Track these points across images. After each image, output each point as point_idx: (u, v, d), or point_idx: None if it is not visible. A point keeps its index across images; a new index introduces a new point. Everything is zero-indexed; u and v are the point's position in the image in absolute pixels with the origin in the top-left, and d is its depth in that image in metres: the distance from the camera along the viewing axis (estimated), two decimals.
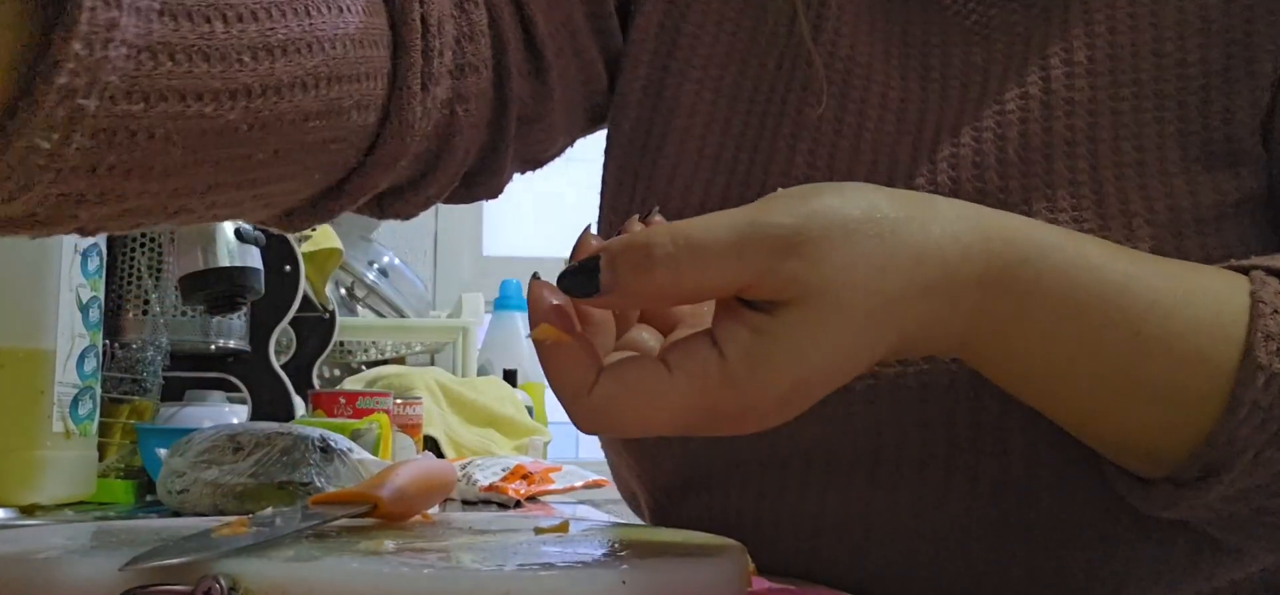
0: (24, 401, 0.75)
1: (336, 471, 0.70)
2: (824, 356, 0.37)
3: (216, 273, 0.77)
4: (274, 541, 0.41)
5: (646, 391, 0.37)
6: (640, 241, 0.36)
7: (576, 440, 2.03)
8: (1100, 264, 0.41)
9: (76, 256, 0.78)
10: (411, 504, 0.53)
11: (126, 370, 0.96)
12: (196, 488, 0.68)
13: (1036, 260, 0.40)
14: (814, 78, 0.58)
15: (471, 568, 0.37)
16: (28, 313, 0.75)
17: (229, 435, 0.70)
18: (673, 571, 0.37)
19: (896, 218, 0.38)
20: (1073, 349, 0.41)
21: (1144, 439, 0.43)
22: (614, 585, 0.35)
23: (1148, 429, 0.43)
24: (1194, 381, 0.41)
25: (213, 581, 0.36)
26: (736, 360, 0.36)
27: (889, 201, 0.39)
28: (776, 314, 0.37)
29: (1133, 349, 0.41)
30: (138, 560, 0.36)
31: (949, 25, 0.57)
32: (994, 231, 0.40)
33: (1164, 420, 0.42)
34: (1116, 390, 0.42)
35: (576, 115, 0.64)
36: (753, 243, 0.36)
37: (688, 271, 0.36)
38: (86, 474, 0.80)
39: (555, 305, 0.38)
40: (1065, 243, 0.41)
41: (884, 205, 0.38)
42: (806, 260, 0.36)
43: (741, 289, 0.37)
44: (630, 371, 0.37)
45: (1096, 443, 0.46)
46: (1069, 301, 0.40)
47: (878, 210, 0.38)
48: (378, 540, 0.44)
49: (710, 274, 0.36)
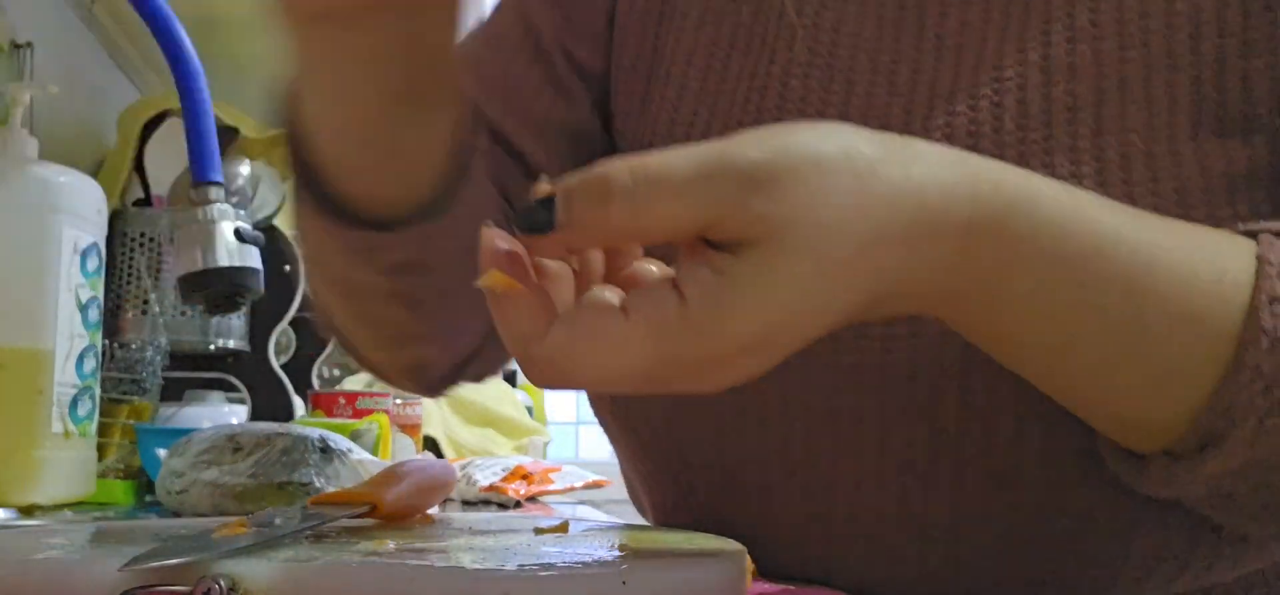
0: (23, 401, 0.74)
1: (336, 472, 0.70)
2: (792, 299, 0.34)
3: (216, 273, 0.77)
4: (273, 542, 0.41)
5: (602, 338, 0.34)
6: (597, 175, 0.34)
7: (576, 440, 2.02)
8: (1096, 216, 0.38)
9: (76, 256, 0.78)
10: (411, 504, 0.53)
11: (126, 370, 0.96)
12: (196, 488, 0.68)
13: (1027, 208, 0.37)
14: (786, 25, 0.55)
15: (471, 568, 0.37)
16: (27, 313, 0.75)
17: (228, 435, 0.70)
18: (673, 572, 0.37)
19: (874, 157, 0.36)
20: (1065, 305, 0.38)
21: (1140, 407, 0.41)
22: (614, 585, 0.35)
23: (1144, 395, 0.40)
24: (1194, 343, 0.38)
25: (212, 582, 0.36)
26: (697, 303, 0.34)
27: (868, 141, 0.36)
28: (742, 254, 0.34)
29: (1129, 306, 0.38)
30: (137, 561, 0.36)
31: None
32: (982, 176, 0.37)
33: (1161, 385, 0.39)
34: (1111, 351, 0.39)
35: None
36: (718, 176, 0.34)
37: (646, 205, 0.34)
38: (86, 474, 0.79)
39: (506, 251, 0.36)
40: (1059, 193, 0.38)
41: (862, 144, 0.36)
42: (774, 197, 0.34)
43: (705, 227, 0.34)
44: (584, 317, 0.35)
45: (1089, 413, 0.43)
46: (1061, 253, 0.38)
47: (855, 148, 0.35)
48: (377, 541, 0.44)
49: (671, 207, 0.34)
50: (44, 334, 0.76)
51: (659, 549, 0.42)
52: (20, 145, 0.78)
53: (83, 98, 1.25)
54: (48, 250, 0.76)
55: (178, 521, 0.57)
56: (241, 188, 1.24)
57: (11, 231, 0.75)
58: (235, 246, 0.78)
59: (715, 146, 0.35)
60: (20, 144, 0.78)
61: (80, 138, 1.23)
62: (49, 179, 0.78)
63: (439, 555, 0.40)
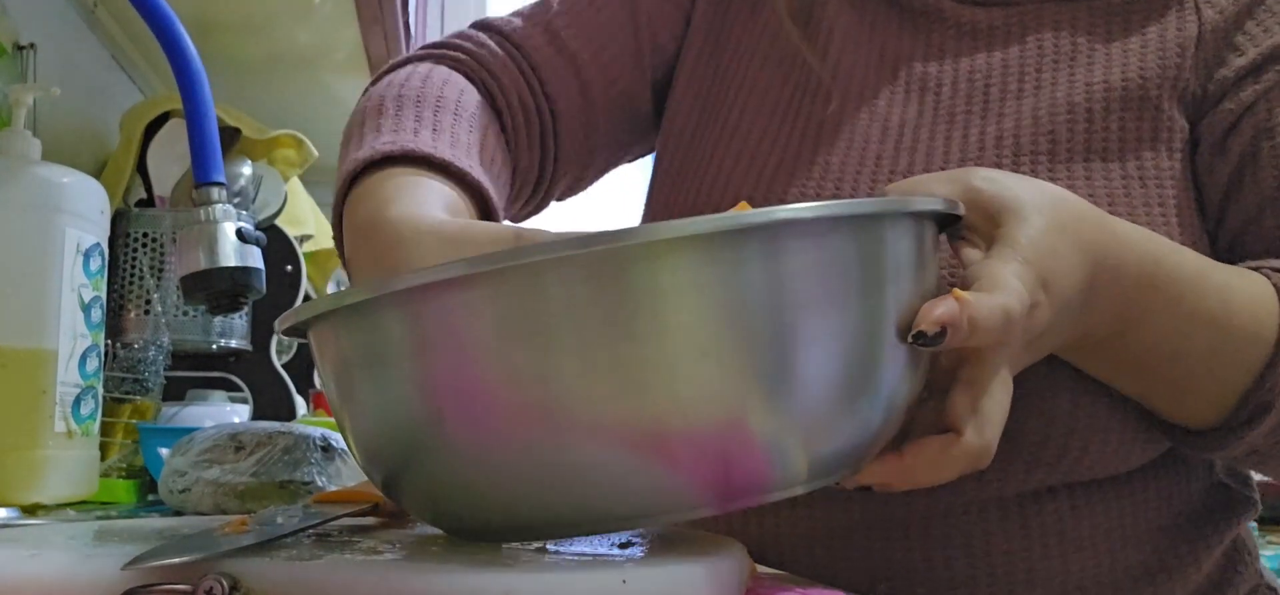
0: (26, 401, 0.75)
1: (338, 471, 0.70)
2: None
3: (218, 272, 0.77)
4: (275, 541, 0.41)
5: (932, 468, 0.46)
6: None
7: None
8: (1183, 262, 0.54)
9: (78, 256, 0.78)
10: None
11: (128, 370, 0.96)
12: (198, 487, 0.68)
13: (1157, 257, 0.53)
14: (821, 81, 0.67)
15: (472, 567, 0.37)
16: (29, 312, 0.75)
17: (231, 434, 0.71)
18: (673, 571, 0.38)
19: (1082, 206, 0.51)
20: (1176, 334, 0.53)
21: (1211, 395, 0.56)
22: (614, 585, 0.35)
23: (1215, 386, 0.56)
24: (1249, 346, 0.55)
25: (214, 581, 0.36)
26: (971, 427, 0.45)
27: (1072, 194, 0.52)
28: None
29: (1213, 330, 0.54)
30: (140, 560, 0.36)
31: (939, 39, 0.66)
32: (1138, 234, 0.53)
33: (1226, 379, 0.55)
34: (1198, 362, 0.55)
35: (618, 147, 0.75)
36: (962, 176, 0.50)
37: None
38: (88, 473, 0.80)
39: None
40: (1169, 248, 0.54)
41: (1072, 196, 0.51)
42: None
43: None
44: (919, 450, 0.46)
45: (1165, 403, 0.57)
46: (1178, 298, 0.53)
47: (1067, 195, 0.51)
48: (379, 540, 0.44)
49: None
50: (47, 334, 0.76)
51: (659, 549, 0.42)
52: (23, 146, 0.78)
53: (85, 99, 1.26)
54: (51, 251, 0.77)
55: (180, 520, 0.58)
56: (243, 188, 1.24)
57: (14, 232, 0.75)
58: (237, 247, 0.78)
59: (955, 170, 0.51)
60: (23, 145, 0.78)
61: (83, 139, 1.23)
62: (52, 180, 0.78)
63: (440, 554, 0.40)
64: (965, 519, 0.59)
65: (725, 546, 0.43)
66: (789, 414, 0.38)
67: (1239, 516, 0.65)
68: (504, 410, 0.37)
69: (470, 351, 0.37)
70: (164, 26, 0.77)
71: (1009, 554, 0.59)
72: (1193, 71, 0.62)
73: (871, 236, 0.40)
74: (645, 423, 0.36)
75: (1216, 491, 0.65)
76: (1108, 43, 0.63)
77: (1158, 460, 0.62)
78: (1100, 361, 0.56)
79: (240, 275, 0.78)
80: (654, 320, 0.36)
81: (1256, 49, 0.61)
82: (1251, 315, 0.55)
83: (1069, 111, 0.61)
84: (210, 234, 0.77)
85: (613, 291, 0.36)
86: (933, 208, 0.44)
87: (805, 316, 0.38)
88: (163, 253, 1.14)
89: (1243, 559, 0.65)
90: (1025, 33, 0.65)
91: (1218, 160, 0.62)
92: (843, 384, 0.39)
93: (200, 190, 0.77)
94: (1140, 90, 0.61)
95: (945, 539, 0.59)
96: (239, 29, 1.40)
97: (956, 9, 0.66)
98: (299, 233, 1.49)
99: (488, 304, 0.36)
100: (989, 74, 0.64)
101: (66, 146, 1.11)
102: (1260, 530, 1.88)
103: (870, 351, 0.40)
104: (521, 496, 0.39)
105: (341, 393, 0.42)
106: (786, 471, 0.39)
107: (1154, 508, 0.61)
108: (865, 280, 0.40)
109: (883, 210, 0.41)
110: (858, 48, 0.67)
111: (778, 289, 0.37)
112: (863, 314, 0.40)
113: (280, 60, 1.50)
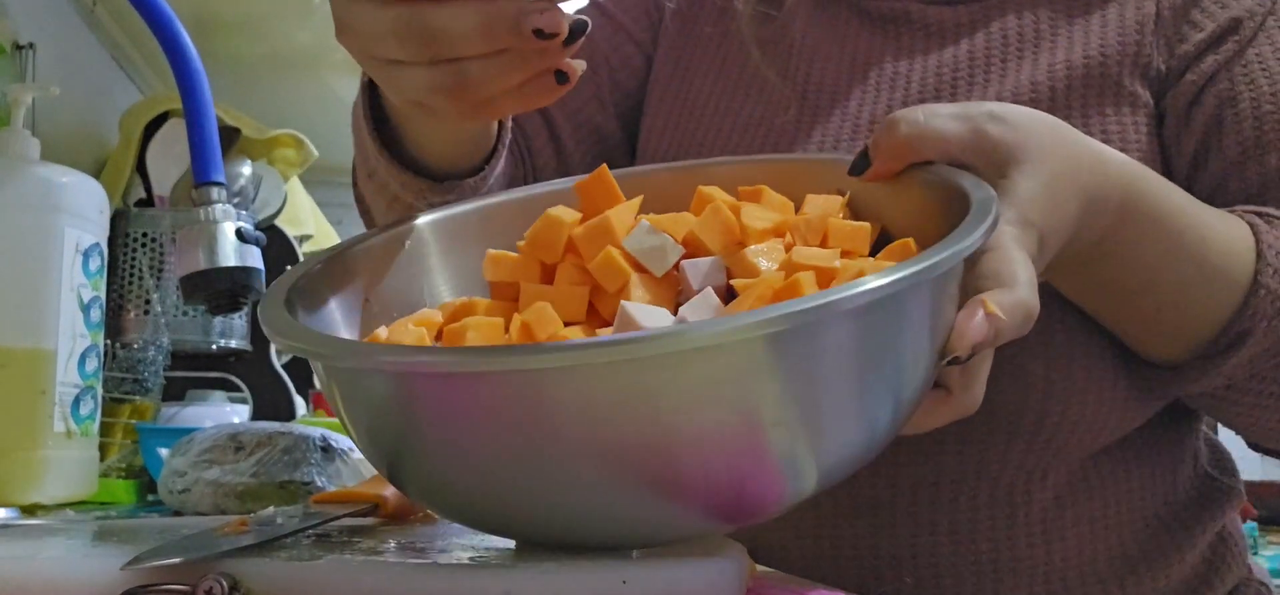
0: (25, 401, 0.75)
1: (338, 471, 0.70)
2: (1032, 209, 0.48)
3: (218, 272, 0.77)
4: (275, 541, 0.41)
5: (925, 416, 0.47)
6: (890, 117, 0.50)
7: None
8: (1168, 194, 0.55)
9: (77, 256, 0.78)
10: (413, 504, 0.53)
11: (128, 370, 0.96)
12: (198, 487, 0.68)
13: (1142, 188, 0.53)
14: (789, 94, 0.70)
15: (472, 567, 0.37)
16: (29, 312, 0.75)
17: (230, 435, 0.71)
18: (673, 571, 0.38)
19: (1077, 135, 0.51)
20: (1156, 259, 0.54)
21: (1191, 324, 0.57)
22: (614, 585, 0.35)
23: (1195, 315, 0.56)
24: (1229, 276, 0.56)
25: (214, 581, 0.36)
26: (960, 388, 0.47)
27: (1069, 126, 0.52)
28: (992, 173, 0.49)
29: (1193, 258, 0.55)
30: (139, 560, 0.36)
31: (908, 39, 0.69)
32: (1127, 163, 0.53)
33: (1206, 307, 0.56)
34: (1177, 289, 0.55)
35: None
36: (973, 111, 0.50)
37: (926, 126, 0.49)
38: (88, 474, 0.80)
39: None
40: (1152, 179, 0.54)
41: (1067, 126, 0.52)
42: (1012, 125, 0.49)
43: (964, 148, 0.49)
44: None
45: (1143, 334, 0.58)
46: (1158, 224, 0.54)
47: (1063, 125, 0.51)
48: (379, 540, 0.44)
49: (943, 127, 0.49)
50: (46, 334, 0.76)
51: (659, 549, 0.42)
52: (22, 146, 0.78)
53: (84, 98, 1.25)
54: (50, 251, 0.76)
55: (179, 521, 0.57)
56: (243, 188, 1.24)
57: (13, 232, 0.75)
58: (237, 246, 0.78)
59: (963, 104, 0.51)
60: (22, 145, 0.78)
61: (82, 138, 1.23)
62: (51, 179, 0.78)
63: (440, 554, 0.40)
64: (953, 507, 0.60)
65: (725, 546, 0.43)
66: (812, 460, 0.38)
67: (1224, 508, 0.66)
68: (506, 483, 0.37)
69: (468, 436, 0.36)
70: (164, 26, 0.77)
71: (995, 542, 0.60)
72: (1154, 47, 0.64)
73: (897, 305, 0.39)
74: (673, 478, 0.36)
75: (1202, 482, 0.66)
76: (1069, 24, 0.66)
77: (1143, 450, 0.63)
78: (1075, 282, 0.57)
79: (240, 275, 0.78)
80: (674, 418, 0.35)
81: (1214, 23, 0.64)
82: (1226, 250, 0.56)
83: (1032, 91, 0.63)
84: (210, 234, 0.77)
85: (645, 385, 0.34)
86: (958, 261, 0.41)
87: (841, 387, 0.37)
88: (162, 253, 1.14)
89: (1230, 551, 0.66)
90: (989, 23, 0.67)
91: (1183, 131, 0.63)
92: (871, 427, 0.40)
93: (200, 190, 0.77)
94: (1100, 67, 0.64)
95: (933, 526, 0.60)
96: (239, 29, 1.40)
97: (923, 10, 0.69)
98: (299, 233, 1.49)
99: (489, 398, 0.35)
100: (955, 65, 0.66)
101: (66, 146, 1.11)
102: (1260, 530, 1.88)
103: (903, 391, 0.40)
104: (524, 523, 0.39)
105: (339, 404, 0.42)
106: (798, 490, 0.40)
107: (1139, 498, 0.62)
108: (907, 336, 0.39)
109: (911, 280, 0.38)
110: (827, 61, 0.70)
111: (815, 370, 0.36)
112: (899, 366, 0.39)
113: (280, 60, 1.51)
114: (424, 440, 0.37)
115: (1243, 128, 0.62)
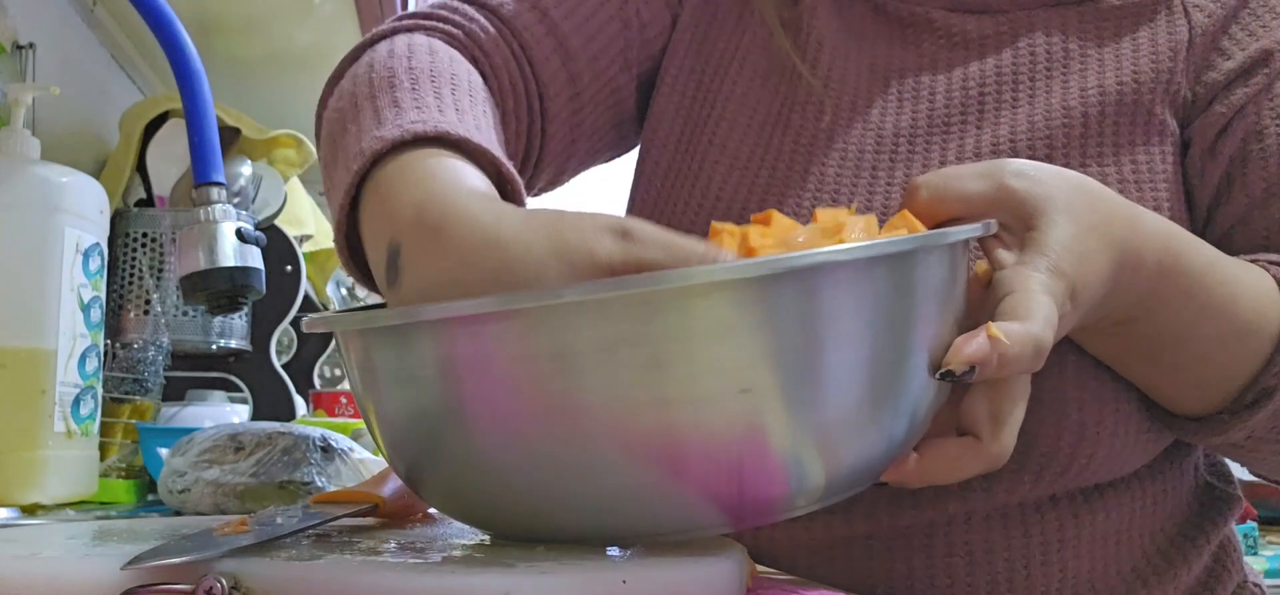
0: (25, 401, 0.75)
1: (337, 471, 0.70)
2: (1062, 257, 0.48)
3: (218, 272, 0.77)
4: (275, 541, 0.41)
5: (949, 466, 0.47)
6: (910, 184, 0.51)
7: None
8: (1200, 252, 0.55)
9: (78, 256, 0.78)
10: (413, 504, 0.53)
11: (128, 370, 0.96)
12: (198, 487, 0.68)
13: (1177, 248, 0.53)
14: (812, 92, 0.66)
15: (472, 567, 0.37)
16: (29, 312, 0.75)
17: (230, 435, 0.71)
18: (673, 571, 0.38)
19: (1103, 190, 0.52)
20: (1189, 319, 0.54)
21: (1219, 378, 0.57)
22: (614, 585, 0.35)
23: (1224, 369, 0.56)
24: (1252, 337, 0.56)
25: (214, 581, 0.36)
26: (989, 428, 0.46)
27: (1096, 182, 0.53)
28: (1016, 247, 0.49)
29: (1231, 311, 0.55)
30: (139, 559, 0.36)
31: (931, 48, 0.66)
32: (1163, 224, 0.54)
33: (1236, 361, 0.56)
34: (1218, 339, 0.55)
35: (599, 145, 0.73)
36: (996, 170, 0.50)
37: (946, 187, 0.50)
38: (88, 474, 0.80)
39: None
40: (1188, 239, 0.55)
41: (1093, 181, 0.52)
42: (1037, 181, 0.49)
43: (988, 206, 0.49)
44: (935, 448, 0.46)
45: (1168, 389, 0.58)
46: (1191, 286, 0.54)
47: (1088, 181, 0.52)
48: (379, 540, 0.44)
49: (966, 188, 0.50)
50: (46, 334, 0.76)
51: (659, 549, 0.42)
52: (22, 146, 0.78)
53: (84, 98, 1.25)
54: (50, 250, 0.76)
55: (179, 521, 0.57)
56: (243, 188, 1.24)
57: (14, 232, 0.75)
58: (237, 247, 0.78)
59: (986, 163, 0.51)
60: (22, 144, 0.78)
61: (82, 138, 1.23)
62: (51, 179, 0.78)
63: (440, 554, 0.40)
64: (967, 527, 0.59)
65: (725, 547, 0.43)
66: (812, 443, 0.39)
67: (1227, 515, 0.66)
68: (535, 438, 0.37)
69: (503, 381, 0.37)
70: (164, 26, 0.77)
71: (1010, 561, 0.59)
72: (1183, 75, 0.62)
73: (906, 271, 0.40)
74: (675, 451, 0.37)
75: (1205, 492, 0.66)
76: (1099, 47, 0.64)
77: (1152, 464, 0.62)
78: (1108, 343, 0.56)
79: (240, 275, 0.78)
80: (687, 361, 0.36)
81: (1243, 52, 0.62)
82: (1255, 307, 0.56)
83: (1065, 116, 0.62)
84: (210, 234, 0.77)
85: (650, 329, 0.36)
86: (969, 237, 0.44)
87: (836, 353, 0.38)
88: (162, 253, 1.14)
89: (1230, 557, 0.66)
90: (1017, 39, 0.65)
91: (1208, 163, 0.62)
92: (870, 413, 0.40)
93: (200, 190, 0.77)
94: (1134, 94, 0.62)
95: (948, 548, 0.59)
96: (239, 29, 1.40)
97: (947, 18, 0.66)
98: (299, 233, 1.49)
99: (522, 337, 0.37)
100: (982, 82, 0.64)
101: (66, 146, 1.11)
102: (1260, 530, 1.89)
103: (900, 381, 0.41)
104: (547, 514, 0.40)
105: (367, 391, 0.42)
106: (806, 492, 0.40)
107: (1149, 512, 0.62)
108: (899, 314, 0.40)
109: (919, 246, 0.41)
110: (848, 59, 0.67)
111: (811, 328, 0.38)
112: (895, 346, 0.40)
113: (280, 60, 1.51)
114: (461, 404, 0.38)
115: (1269, 164, 0.61)
